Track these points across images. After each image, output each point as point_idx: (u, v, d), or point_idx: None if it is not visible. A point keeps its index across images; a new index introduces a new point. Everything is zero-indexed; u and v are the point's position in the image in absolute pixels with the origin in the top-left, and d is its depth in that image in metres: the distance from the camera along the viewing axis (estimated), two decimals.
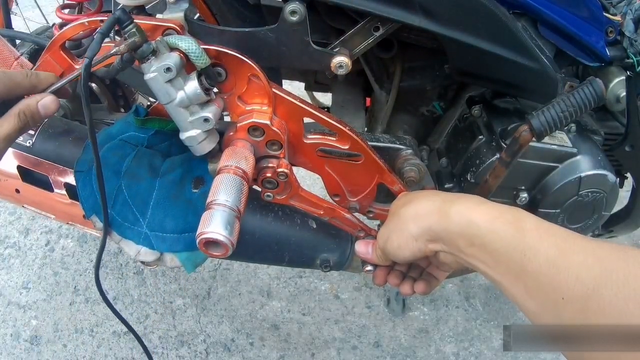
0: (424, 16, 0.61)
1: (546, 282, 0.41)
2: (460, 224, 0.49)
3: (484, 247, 0.47)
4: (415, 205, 0.56)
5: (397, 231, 0.56)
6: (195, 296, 1.36)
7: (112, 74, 0.56)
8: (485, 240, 0.47)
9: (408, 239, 0.54)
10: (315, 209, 0.69)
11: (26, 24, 1.26)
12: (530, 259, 0.43)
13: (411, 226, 0.54)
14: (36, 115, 0.52)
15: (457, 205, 0.51)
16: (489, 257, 0.47)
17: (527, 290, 0.43)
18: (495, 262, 0.46)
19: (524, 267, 0.43)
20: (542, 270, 0.41)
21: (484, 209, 0.49)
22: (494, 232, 0.46)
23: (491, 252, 0.46)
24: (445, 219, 0.51)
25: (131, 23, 0.51)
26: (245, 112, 0.62)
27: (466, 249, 0.49)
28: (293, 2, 0.59)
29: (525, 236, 0.44)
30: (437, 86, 0.85)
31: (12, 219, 1.54)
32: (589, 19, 0.72)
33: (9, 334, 1.27)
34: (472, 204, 0.50)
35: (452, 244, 0.51)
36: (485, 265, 0.47)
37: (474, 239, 0.48)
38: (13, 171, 0.75)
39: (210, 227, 0.50)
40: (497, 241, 0.46)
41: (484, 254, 0.47)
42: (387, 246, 0.58)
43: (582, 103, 0.59)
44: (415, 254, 0.55)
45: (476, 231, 0.48)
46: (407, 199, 0.59)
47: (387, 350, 1.27)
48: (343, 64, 0.64)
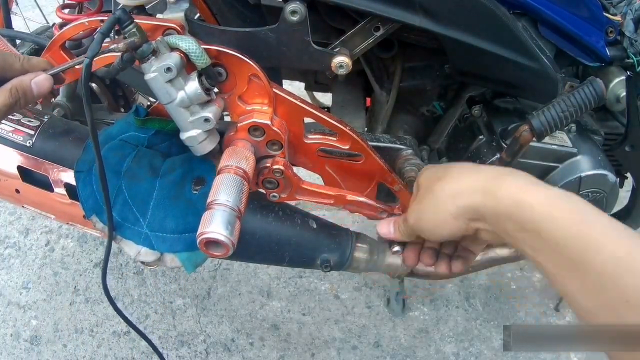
0: (425, 16, 0.61)
1: (609, 282, 0.38)
2: (510, 206, 0.44)
3: (537, 234, 0.42)
4: (454, 181, 0.50)
5: (433, 210, 0.51)
6: (195, 296, 1.36)
7: (112, 74, 0.56)
8: (541, 226, 0.42)
9: (447, 219, 0.50)
10: (325, 199, 0.68)
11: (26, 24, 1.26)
12: (593, 255, 0.39)
13: (450, 205, 0.49)
14: (29, 93, 0.51)
15: (506, 184, 0.46)
16: (543, 244, 0.42)
17: (584, 287, 0.40)
18: (550, 251, 0.42)
19: (584, 263, 0.39)
20: (607, 269, 0.38)
21: (539, 190, 0.44)
22: (552, 219, 0.42)
23: (546, 240, 0.42)
24: (492, 199, 0.46)
25: (131, 23, 0.51)
26: (245, 112, 0.62)
27: (515, 233, 0.44)
28: (293, 2, 0.59)
29: (589, 229, 0.40)
30: (438, 86, 0.85)
31: (12, 219, 1.54)
32: (589, 19, 0.72)
33: (9, 334, 1.27)
34: (524, 184, 0.45)
35: (499, 226, 0.46)
36: (537, 253, 0.43)
37: (526, 223, 0.43)
38: (13, 171, 0.74)
39: (210, 227, 0.50)
40: (555, 230, 0.41)
41: (537, 240, 0.43)
42: (422, 225, 0.53)
43: (582, 103, 0.59)
44: (454, 234, 0.51)
45: (530, 216, 0.43)
46: (442, 172, 0.53)
47: (387, 350, 1.27)
48: (343, 64, 0.64)
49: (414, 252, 0.62)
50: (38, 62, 0.54)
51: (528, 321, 1.32)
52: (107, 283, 0.69)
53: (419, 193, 0.55)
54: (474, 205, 0.48)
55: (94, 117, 0.54)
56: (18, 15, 1.06)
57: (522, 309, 1.35)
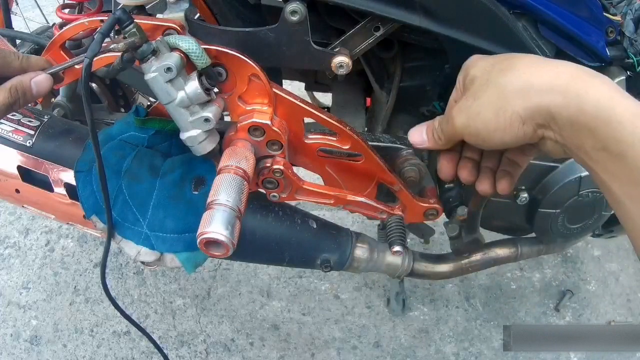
0: (425, 16, 0.61)
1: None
2: (596, 117, 0.36)
3: (622, 158, 0.36)
4: (526, 73, 0.41)
5: (495, 108, 0.41)
6: (195, 296, 1.36)
7: (112, 74, 0.56)
8: (629, 149, 0.35)
9: (512, 120, 0.41)
10: (325, 199, 0.68)
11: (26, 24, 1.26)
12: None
13: (519, 103, 0.40)
14: (28, 92, 0.51)
15: (595, 89, 0.38)
16: (625, 171, 0.36)
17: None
18: (632, 182, 0.36)
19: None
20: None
21: (633, 105, 0.36)
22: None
23: (631, 167, 0.35)
24: (575, 104, 0.38)
25: (131, 23, 0.51)
26: (245, 112, 0.62)
27: (594, 152, 0.37)
28: (293, 2, 0.59)
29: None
30: (438, 86, 0.85)
31: (12, 219, 1.54)
32: (589, 19, 0.72)
33: (9, 334, 1.27)
34: (616, 94, 0.37)
35: (574, 139, 0.39)
36: (615, 179, 0.37)
37: (610, 142, 0.36)
38: (13, 171, 0.74)
39: (211, 227, 0.50)
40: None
41: (619, 165, 0.36)
42: (477, 127, 0.43)
43: None
44: (517, 141, 0.42)
45: (618, 134, 0.36)
46: (507, 62, 0.44)
47: (387, 350, 1.27)
48: (343, 64, 0.64)
49: (451, 162, 0.52)
50: (37, 60, 0.54)
51: (528, 321, 1.32)
52: (107, 283, 0.69)
53: (474, 87, 0.45)
54: (549, 108, 0.39)
55: (94, 117, 0.54)
56: (18, 15, 1.06)
57: (522, 309, 1.35)
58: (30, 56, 0.54)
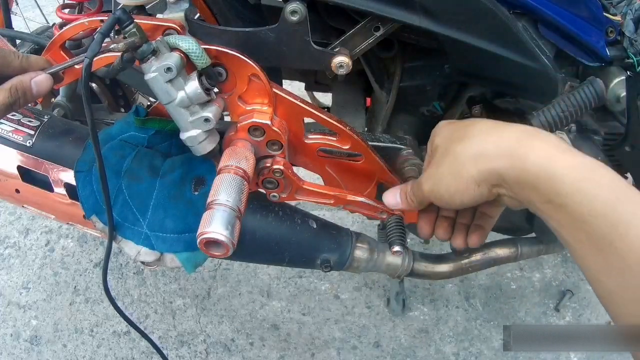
0: (425, 16, 0.61)
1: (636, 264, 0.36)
2: (538, 176, 0.41)
3: (564, 208, 0.40)
4: (477, 142, 0.46)
5: (453, 174, 0.47)
6: (195, 296, 1.36)
7: (112, 74, 0.56)
8: (569, 201, 0.39)
9: (468, 184, 0.46)
10: (325, 199, 0.68)
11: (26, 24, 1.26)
12: (622, 234, 0.37)
13: (472, 169, 0.45)
14: (28, 92, 0.51)
15: (535, 151, 0.42)
16: (569, 220, 0.40)
17: (608, 267, 0.38)
18: (576, 228, 0.39)
19: (612, 242, 0.37)
20: (634, 250, 0.36)
21: (570, 160, 0.41)
22: (581, 193, 0.39)
23: (573, 215, 0.39)
24: (519, 166, 0.42)
25: (131, 23, 0.51)
26: (245, 112, 0.62)
27: (541, 204, 0.42)
28: (293, 2, 0.59)
29: (619, 207, 0.38)
30: (437, 86, 0.85)
31: (12, 219, 1.54)
32: (589, 19, 0.72)
33: (9, 334, 1.27)
34: (555, 152, 0.42)
35: (523, 195, 0.43)
36: (561, 227, 0.41)
37: (553, 196, 0.40)
38: (13, 171, 0.74)
39: (211, 227, 0.50)
40: (583, 206, 0.39)
41: (563, 215, 0.40)
42: (440, 191, 0.49)
43: (582, 103, 0.59)
44: (475, 201, 0.47)
45: (558, 188, 0.40)
46: (462, 132, 0.49)
47: (387, 350, 1.27)
48: (343, 64, 0.64)
49: (429, 223, 0.57)
50: (37, 60, 0.53)
51: (528, 321, 1.32)
52: (107, 283, 0.69)
53: (436, 156, 0.51)
54: (498, 170, 0.44)
55: (94, 117, 0.54)
56: (18, 15, 1.06)
57: (522, 309, 1.35)
58: (30, 56, 0.54)
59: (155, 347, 0.80)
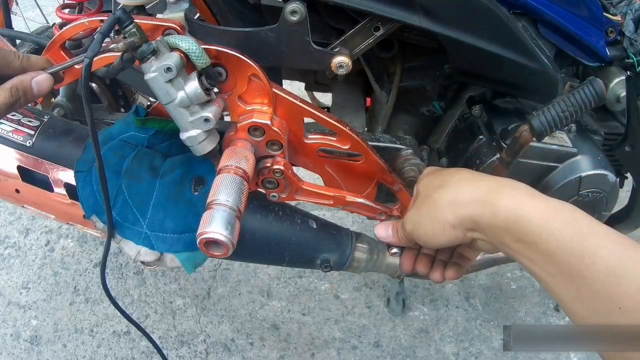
0: (425, 16, 0.61)
1: (603, 291, 0.39)
2: (508, 219, 0.45)
3: (534, 246, 0.44)
4: (453, 190, 0.51)
5: (431, 218, 0.52)
6: (195, 296, 1.36)
7: (112, 74, 0.56)
8: (538, 239, 0.43)
9: (445, 228, 0.50)
10: (324, 200, 0.68)
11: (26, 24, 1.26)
12: (588, 265, 0.40)
13: (448, 214, 0.50)
14: (29, 92, 0.51)
15: (505, 196, 0.47)
16: (539, 256, 0.44)
17: (579, 296, 0.41)
18: (547, 262, 0.43)
19: (580, 273, 0.41)
20: (600, 278, 0.40)
21: (537, 204, 0.45)
22: (548, 231, 0.43)
23: (543, 251, 0.43)
24: (490, 212, 0.47)
25: (131, 23, 0.51)
26: (245, 112, 0.62)
27: (512, 244, 0.46)
28: (293, 2, 0.59)
29: (584, 240, 0.42)
30: (438, 86, 0.85)
31: (12, 219, 1.54)
32: (589, 19, 0.72)
33: (9, 334, 1.27)
34: (523, 197, 0.46)
35: (496, 237, 0.47)
36: (533, 263, 0.45)
37: (523, 235, 0.44)
38: (13, 171, 0.74)
39: (210, 227, 0.50)
40: (551, 242, 0.43)
41: (533, 252, 0.44)
42: (419, 232, 0.53)
43: (582, 103, 0.59)
44: (452, 242, 0.51)
45: (527, 228, 0.44)
46: (441, 180, 0.54)
47: (387, 350, 1.27)
48: (343, 64, 0.64)
49: (410, 259, 0.63)
50: (37, 60, 0.53)
51: (528, 321, 1.32)
52: (107, 283, 0.69)
53: (417, 200, 0.56)
54: (472, 216, 0.48)
55: (94, 117, 0.54)
56: (18, 15, 1.06)
57: (522, 309, 1.35)
58: (30, 56, 0.53)
59: (155, 345, 0.80)
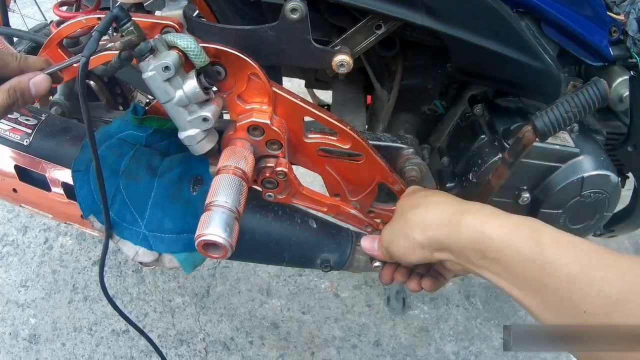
0: (427, 14, 0.61)
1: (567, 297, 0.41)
2: (472, 238, 0.48)
3: (497, 260, 0.46)
4: (423, 211, 0.54)
5: (403, 236, 0.55)
6: (195, 294, 1.36)
7: (110, 72, 0.55)
8: (500, 253, 0.46)
9: (414, 246, 0.53)
10: (319, 207, 0.68)
11: (24, 22, 1.25)
12: (550, 273, 0.42)
13: (417, 234, 0.53)
14: (27, 93, 0.51)
15: (468, 217, 0.49)
16: (504, 270, 0.46)
17: (545, 304, 0.43)
18: (511, 275, 0.45)
19: (543, 282, 0.43)
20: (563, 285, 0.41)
21: (499, 221, 0.48)
22: (510, 245, 0.45)
23: (506, 265, 0.45)
24: (455, 232, 0.49)
25: (129, 21, 0.50)
26: (244, 111, 0.61)
27: (477, 260, 0.48)
28: (293, 0, 0.58)
29: (544, 250, 0.43)
30: (439, 85, 0.84)
31: (10, 217, 1.53)
32: (593, 18, 0.72)
33: (7, 333, 1.27)
34: (485, 217, 0.49)
35: (462, 256, 0.50)
36: (499, 278, 0.47)
37: (487, 252, 0.47)
38: (10, 170, 0.74)
39: (209, 228, 0.49)
40: (513, 255, 0.45)
41: (497, 266, 0.46)
42: (392, 249, 0.57)
43: (586, 104, 0.58)
44: (420, 261, 0.54)
45: (490, 244, 0.46)
46: (416, 201, 0.57)
47: (387, 349, 1.27)
48: (344, 63, 0.63)
49: (389, 272, 0.65)
50: (35, 61, 0.53)
51: (528, 320, 1.32)
52: (106, 281, 0.68)
53: (394, 217, 0.59)
54: (438, 237, 0.51)
55: (92, 116, 0.53)
56: (16, 12, 1.05)
57: (522, 308, 1.34)
58: (28, 57, 0.53)
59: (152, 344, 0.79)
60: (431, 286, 0.62)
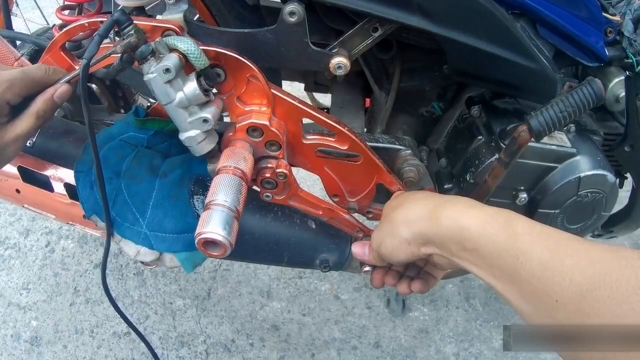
0: (423, 17, 0.61)
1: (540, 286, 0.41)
2: (451, 228, 0.49)
3: (476, 251, 0.47)
4: (406, 209, 0.56)
5: (390, 235, 0.56)
6: (196, 297, 1.36)
7: (111, 75, 0.56)
8: (477, 244, 0.47)
9: (401, 244, 0.55)
10: (314, 209, 0.70)
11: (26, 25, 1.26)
12: (523, 263, 0.43)
13: (403, 231, 0.54)
14: (53, 108, 0.55)
15: (447, 209, 0.51)
16: (482, 260, 0.47)
17: (521, 293, 0.44)
18: (488, 265, 0.46)
19: (517, 271, 0.43)
20: (536, 274, 0.42)
21: (475, 212, 0.49)
22: (485, 236, 0.46)
23: (483, 256, 0.46)
24: (435, 224, 0.51)
25: (130, 24, 0.51)
26: (244, 113, 0.62)
27: (458, 252, 0.49)
28: (292, 3, 0.59)
29: (518, 240, 0.44)
30: (436, 87, 0.85)
31: (12, 220, 1.54)
32: (588, 19, 0.73)
33: (9, 335, 1.27)
34: (463, 208, 0.50)
35: (445, 248, 0.51)
36: (478, 269, 0.48)
37: (465, 243, 0.48)
38: (14, 171, 0.75)
39: (208, 227, 0.50)
40: (489, 245, 0.46)
41: (476, 257, 0.47)
42: (382, 250, 0.58)
43: (581, 103, 0.59)
44: (409, 257, 0.56)
45: (467, 235, 0.48)
46: (399, 201, 0.59)
47: (387, 350, 1.27)
48: (342, 65, 0.64)
49: (380, 275, 0.66)
50: (57, 72, 0.57)
51: None
52: (107, 284, 0.69)
53: (381, 220, 0.61)
54: (422, 231, 0.53)
55: (94, 118, 0.54)
56: (18, 16, 1.06)
57: None
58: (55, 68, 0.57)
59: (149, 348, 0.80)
60: (421, 288, 0.64)
